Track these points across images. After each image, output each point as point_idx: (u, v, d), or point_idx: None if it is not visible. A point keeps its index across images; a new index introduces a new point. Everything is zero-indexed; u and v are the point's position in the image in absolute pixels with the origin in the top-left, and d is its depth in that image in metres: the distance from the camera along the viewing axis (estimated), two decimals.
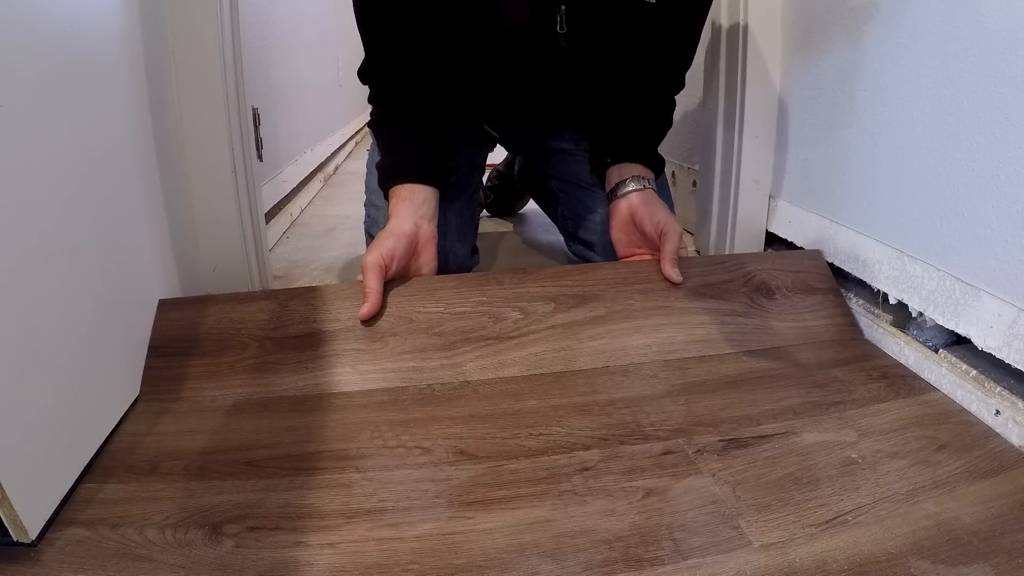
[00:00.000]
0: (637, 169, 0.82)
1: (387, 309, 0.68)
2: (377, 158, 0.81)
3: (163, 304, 0.68)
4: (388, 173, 0.78)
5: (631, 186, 0.80)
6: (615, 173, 0.83)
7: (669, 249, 0.74)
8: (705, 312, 0.72)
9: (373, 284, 0.67)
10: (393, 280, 0.71)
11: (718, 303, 0.73)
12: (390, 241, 0.70)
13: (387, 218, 0.82)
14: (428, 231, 0.74)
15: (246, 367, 0.64)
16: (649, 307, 0.72)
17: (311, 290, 0.71)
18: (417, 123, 0.78)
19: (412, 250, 0.72)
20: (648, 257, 0.79)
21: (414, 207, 0.74)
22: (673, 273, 0.73)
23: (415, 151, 0.77)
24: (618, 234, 0.82)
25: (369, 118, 0.83)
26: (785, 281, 0.77)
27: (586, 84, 0.86)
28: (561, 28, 0.76)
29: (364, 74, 0.80)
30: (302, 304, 0.69)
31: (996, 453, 0.52)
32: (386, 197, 0.77)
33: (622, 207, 0.81)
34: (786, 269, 0.78)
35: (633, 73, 0.83)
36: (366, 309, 0.66)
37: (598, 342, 0.68)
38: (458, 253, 0.84)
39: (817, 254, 0.82)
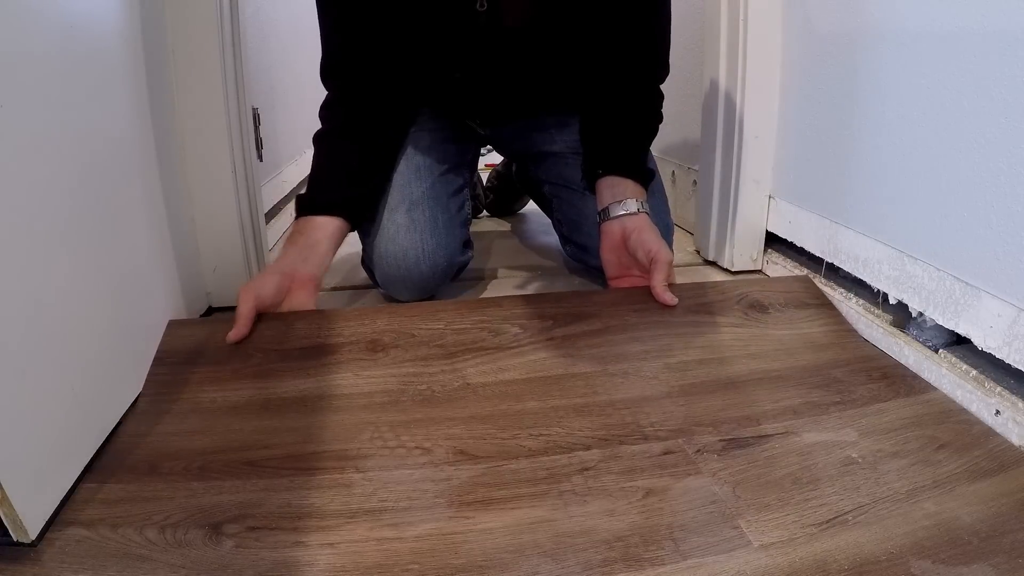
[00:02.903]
0: (630, 189, 0.81)
1: (389, 326, 0.70)
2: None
3: (172, 323, 0.71)
4: (300, 202, 0.79)
5: (623, 209, 0.80)
6: (607, 192, 0.82)
7: (659, 278, 0.75)
8: (702, 324, 0.73)
9: (243, 310, 0.69)
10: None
11: (714, 317, 0.74)
12: (265, 277, 0.73)
13: (377, 222, 0.84)
14: (307, 273, 0.75)
15: (249, 373, 0.64)
16: (646, 322, 0.73)
17: (317, 312, 0.74)
18: (328, 148, 0.80)
19: (285, 288, 0.73)
20: (639, 280, 0.80)
21: (298, 249, 0.76)
22: (667, 297, 0.74)
23: (335, 178, 0.80)
24: (608, 255, 0.82)
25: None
26: (778, 299, 0.78)
27: (553, 70, 0.86)
28: (481, 6, 0.75)
29: (325, 73, 0.81)
30: (307, 324, 0.71)
31: (996, 453, 0.52)
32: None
33: (614, 230, 0.80)
34: (777, 290, 0.80)
35: (605, 59, 0.82)
36: (232, 333, 0.67)
37: (597, 350, 0.68)
38: (448, 248, 0.85)
39: (806, 278, 0.84)
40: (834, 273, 0.82)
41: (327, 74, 0.82)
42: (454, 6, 0.75)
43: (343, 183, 0.80)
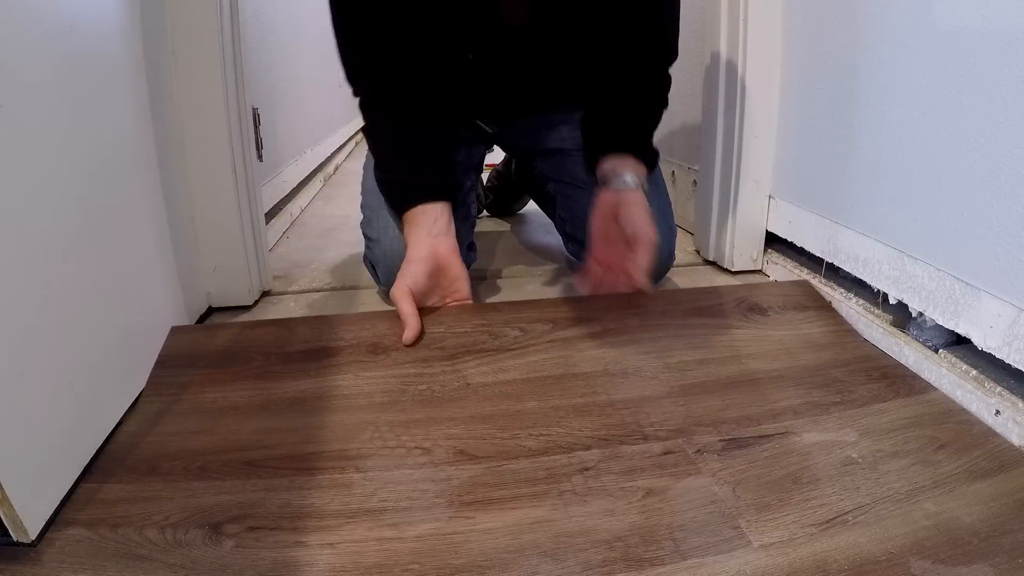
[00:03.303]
0: (630, 165, 0.79)
1: (391, 330, 0.70)
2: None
3: (174, 329, 0.71)
4: (396, 197, 0.79)
5: (623, 183, 0.78)
6: (608, 165, 0.80)
7: (638, 257, 0.74)
8: (701, 326, 0.74)
9: (407, 309, 0.69)
10: (423, 308, 0.74)
11: (714, 319, 0.75)
12: (411, 268, 0.73)
13: (383, 219, 0.83)
14: (446, 245, 0.75)
15: (249, 375, 0.64)
16: (646, 324, 0.73)
17: (318, 318, 0.75)
18: (415, 128, 0.78)
19: (435, 271, 0.74)
20: (619, 256, 0.78)
21: (425, 229, 0.75)
22: (640, 278, 0.73)
23: (416, 168, 0.78)
24: (598, 223, 0.80)
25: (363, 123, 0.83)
26: (777, 301, 0.79)
27: (563, 63, 0.85)
28: None
29: (351, 66, 0.79)
30: (309, 328, 0.71)
31: (996, 453, 0.52)
32: (399, 214, 0.78)
33: (609, 199, 0.78)
34: (776, 293, 0.81)
35: (612, 41, 0.80)
36: (408, 333, 0.68)
37: (597, 351, 0.68)
38: None
39: (805, 282, 0.84)
40: (834, 273, 0.82)
41: (351, 49, 0.79)
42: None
43: (436, 169, 0.79)
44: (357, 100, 0.80)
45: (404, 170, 0.79)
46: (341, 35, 0.77)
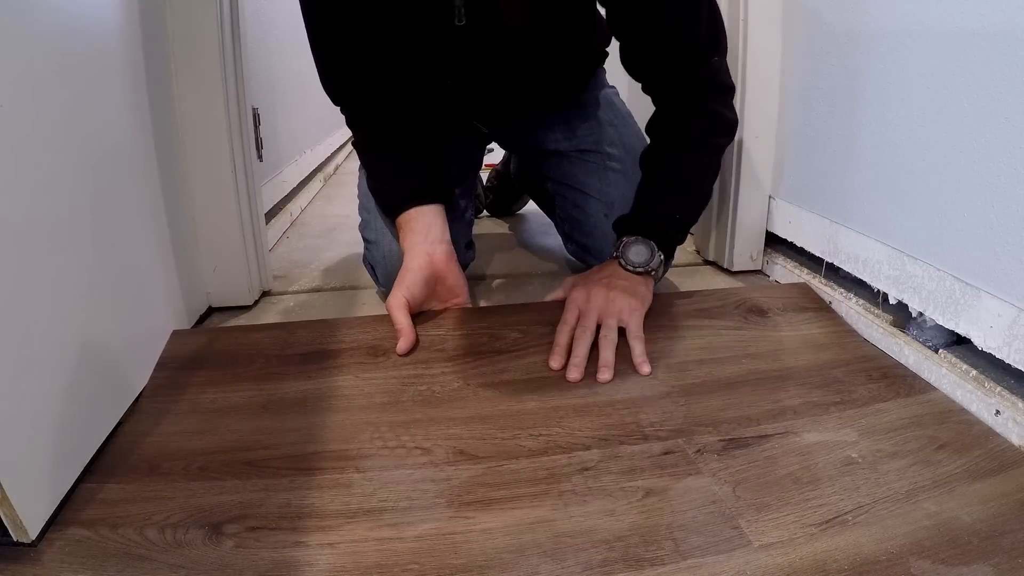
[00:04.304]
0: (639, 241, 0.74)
1: (391, 333, 0.70)
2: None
3: (175, 334, 0.71)
4: (388, 203, 0.79)
5: (620, 261, 0.73)
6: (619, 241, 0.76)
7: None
8: (701, 328, 0.74)
9: (402, 320, 0.69)
10: (424, 312, 0.75)
11: (713, 321, 0.75)
12: (407, 277, 0.73)
13: (380, 221, 0.83)
14: (442, 253, 0.75)
15: (250, 376, 0.64)
16: (646, 325, 0.72)
17: (319, 321, 0.76)
18: (399, 141, 0.79)
19: (432, 278, 0.74)
20: None
21: (421, 236, 0.75)
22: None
23: (406, 173, 0.78)
24: (575, 279, 0.77)
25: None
26: (777, 304, 0.79)
27: (552, 66, 0.84)
28: (459, 21, 0.73)
29: (332, 93, 0.80)
30: (309, 332, 0.72)
31: (996, 453, 0.52)
32: (393, 221, 0.78)
33: (596, 274, 0.74)
34: (776, 296, 0.81)
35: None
36: (402, 343, 0.68)
37: (596, 352, 0.68)
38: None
39: (804, 285, 0.84)
40: (834, 273, 0.82)
41: (329, 79, 0.80)
42: (433, 23, 0.75)
43: (426, 171, 0.79)
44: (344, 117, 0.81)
45: (394, 177, 0.79)
46: (319, 64, 0.78)
